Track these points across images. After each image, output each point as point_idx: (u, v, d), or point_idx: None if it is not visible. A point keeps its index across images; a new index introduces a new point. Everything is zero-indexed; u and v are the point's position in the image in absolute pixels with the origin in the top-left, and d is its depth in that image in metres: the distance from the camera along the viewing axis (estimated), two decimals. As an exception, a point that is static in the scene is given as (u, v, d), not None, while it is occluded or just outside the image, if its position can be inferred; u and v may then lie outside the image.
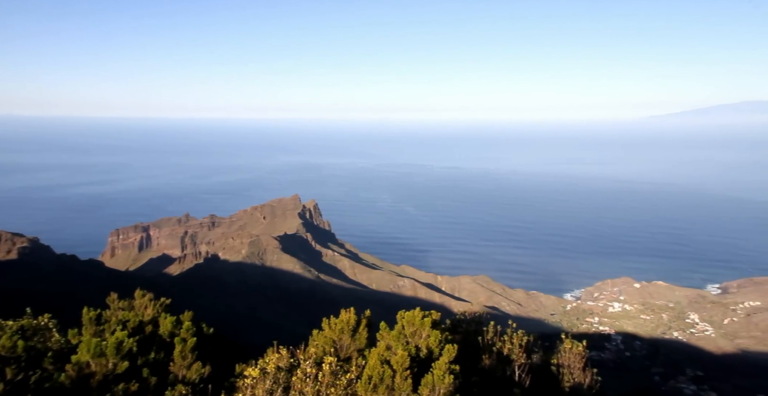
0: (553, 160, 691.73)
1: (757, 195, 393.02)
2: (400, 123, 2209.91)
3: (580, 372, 16.29)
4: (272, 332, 56.42)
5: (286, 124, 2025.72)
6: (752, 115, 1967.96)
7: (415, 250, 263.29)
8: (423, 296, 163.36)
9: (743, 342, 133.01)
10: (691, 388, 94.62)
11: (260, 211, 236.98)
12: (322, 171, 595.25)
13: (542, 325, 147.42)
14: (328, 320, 12.27)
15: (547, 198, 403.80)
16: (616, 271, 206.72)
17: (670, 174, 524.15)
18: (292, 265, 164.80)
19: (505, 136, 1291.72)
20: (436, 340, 11.13)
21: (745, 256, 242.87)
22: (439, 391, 9.13)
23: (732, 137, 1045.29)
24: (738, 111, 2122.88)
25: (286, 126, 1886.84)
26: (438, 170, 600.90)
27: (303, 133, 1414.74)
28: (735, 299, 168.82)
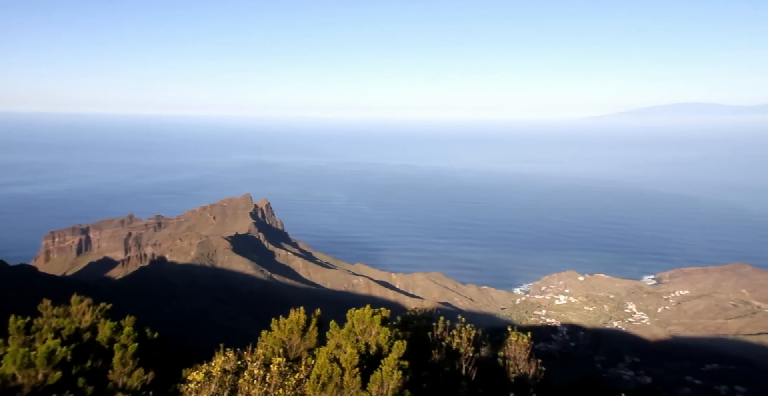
0: (503, 159, 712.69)
1: (686, 191, 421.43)
2: (353, 121, 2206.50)
3: (525, 363, 16.95)
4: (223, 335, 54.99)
5: (238, 122, 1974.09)
6: (683, 116, 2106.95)
7: (370, 248, 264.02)
8: (378, 294, 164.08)
9: (674, 328, 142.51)
10: (629, 374, 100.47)
11: (210, 211, 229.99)
12: (275, 169, 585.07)
13: (493, 319, 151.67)
14: (277, 321, 12.13)
15: (497, 196, 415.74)
16: (562, 266, 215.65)
17: (610, 172, 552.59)
18: (244, 266, 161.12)
19: (457, 135, 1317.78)
20: (385, 337, 11.26)
21: (676, 249, 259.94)
22: (388, 387, 9.25)
23: (665, 137, 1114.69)
24: (670, 112, 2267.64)
25: (239, 123, 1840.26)
26: (391, 168, 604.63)
27: (256, 131, 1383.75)
28: (667, 289, 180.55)
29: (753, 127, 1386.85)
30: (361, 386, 9.17)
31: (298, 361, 10.90)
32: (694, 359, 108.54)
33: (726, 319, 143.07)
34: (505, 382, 14.38)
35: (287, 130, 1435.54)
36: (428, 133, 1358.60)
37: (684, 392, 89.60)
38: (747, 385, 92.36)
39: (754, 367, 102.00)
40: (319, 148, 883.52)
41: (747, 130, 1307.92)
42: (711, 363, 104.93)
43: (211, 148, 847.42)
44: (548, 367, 58.86)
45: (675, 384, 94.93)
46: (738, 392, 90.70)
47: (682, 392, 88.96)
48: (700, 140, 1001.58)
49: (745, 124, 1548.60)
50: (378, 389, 9.19)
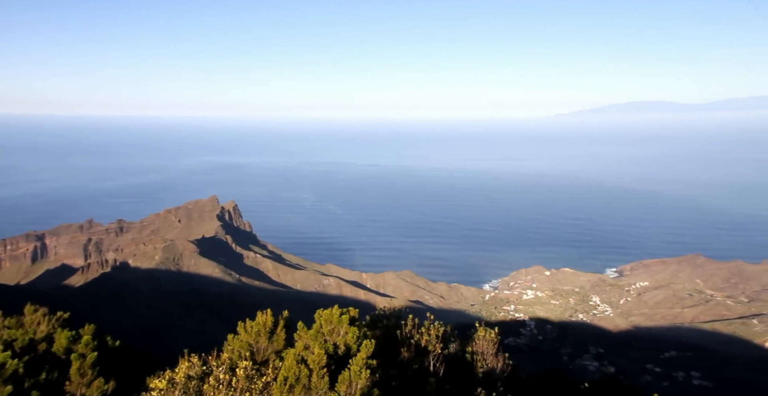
0: (471, 157, 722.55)
1: (644, 186, 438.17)
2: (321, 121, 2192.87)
3: (493, 357, 17.27)
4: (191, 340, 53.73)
5: (206, 122, 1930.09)
6: (639, 113, 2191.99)
7: (340, 248, 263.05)
8: (348, 294, 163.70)
9: (636, 319, 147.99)
10: (594, 365, 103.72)
11: (175, 214, 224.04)
12: (242, 171, 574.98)
13: (463, 315, 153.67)
14: (244, 324, 11.96)
15: (465, 194, 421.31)
16: (529, 261, 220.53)
17: (573, 169, 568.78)
18: (212, 269, 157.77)
19: (425, 133, 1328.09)
20: (353, 336, 11.27)
21: (636, 242, 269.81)
22: (356, 386, 9.27)
23: (623, 134, 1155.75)
24: (626, 110, 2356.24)
25: (206, 124, 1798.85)
26: (360, 168, 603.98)
27: (223, 132, 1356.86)
28: (629, 281, 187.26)
29: (704, 125, 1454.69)
30: (329, 386, 9.15)
31: (265, 364, 10.78)
32: (654, 348, 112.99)
33: (682, 308, 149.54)
34: (473, 377, 14.62)
35: (255, 131, 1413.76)
36: (396, 132, 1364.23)
37: (645, 380, 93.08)
38: (702, 371, 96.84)
39: (708, 352, 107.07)
40: (287, 148, 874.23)
41: (699, 127, 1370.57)
42: (669, 351, 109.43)
43: (176, 149, 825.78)
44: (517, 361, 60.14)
45: (637, 372, 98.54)
46: (694, 377, 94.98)
47: (643, 380, 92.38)
48: (655, 137, 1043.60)
49: (696, 122, 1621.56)
50: (346, 389, 9.20)
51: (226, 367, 9.01)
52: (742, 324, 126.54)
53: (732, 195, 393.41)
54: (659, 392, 67.88)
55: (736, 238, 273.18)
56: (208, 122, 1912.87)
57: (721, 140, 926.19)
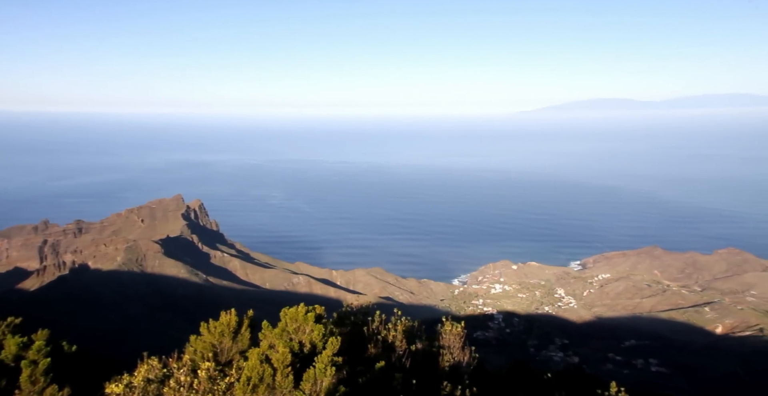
0: (437, 154, 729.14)
1: (605, 181, 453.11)
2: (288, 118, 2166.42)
3: (459, 351, 17.53)
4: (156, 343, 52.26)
5: (169, 119, 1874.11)
6: (600, 110, 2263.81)
7: (309, 246, 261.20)
8: (318, 292, 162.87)
9: (598, 310, 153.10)
10: (559, 355, 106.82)
11: (137, 213, 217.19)
12: (208, 169, 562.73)
13: (433, 310, 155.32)
14: (207, 324, 11.73)
15: (433, 190, 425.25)
16: (497, 256, 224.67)
17: (537, 164, 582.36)
18: (177, 270, 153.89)
19: (392, 130, 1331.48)
20: (319, 334, 11.22)
21: (598, 236, 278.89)
22: (321, 384, 9.24)
23: (584, 131, 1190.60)
24: (589, 107, 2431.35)
25: (170, 121, 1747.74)
26: (328, 165, 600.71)
27: (186, 129, 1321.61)
28: (591, 273, 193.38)
29: (660, 121, 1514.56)
30: (294, 385, 9.09)
31: (229, 365, 10.62)
32: (616, 337, 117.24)
33: (641, 298, 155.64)
34: (440, 371, 14.82)
35: (221, 128, 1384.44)
36: (364, 130, 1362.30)
37: (607, 368, 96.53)
38: (659, 358, 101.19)
39: (664, 340, 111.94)
40: (255, 145, 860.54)
41: (655, 123, 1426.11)
42: (630, 340, 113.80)
43: (139, 147, 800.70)
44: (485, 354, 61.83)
45: (599, 361, 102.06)
46: (652, 364, 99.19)
47: (605, 368, 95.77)
48: (615, 133, 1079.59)
49: (654, 119, 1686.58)
50: (311, 387, 9.16)
51: (188, 369, 8.82)
52: (695, 312, 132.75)
53: (686, 189, 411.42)
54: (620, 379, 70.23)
55: (690, 230, 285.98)
56: (174, 119, 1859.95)
57: (676, 136, 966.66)
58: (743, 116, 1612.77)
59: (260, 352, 9.46)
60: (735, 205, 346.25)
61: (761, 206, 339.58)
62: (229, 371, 9.56)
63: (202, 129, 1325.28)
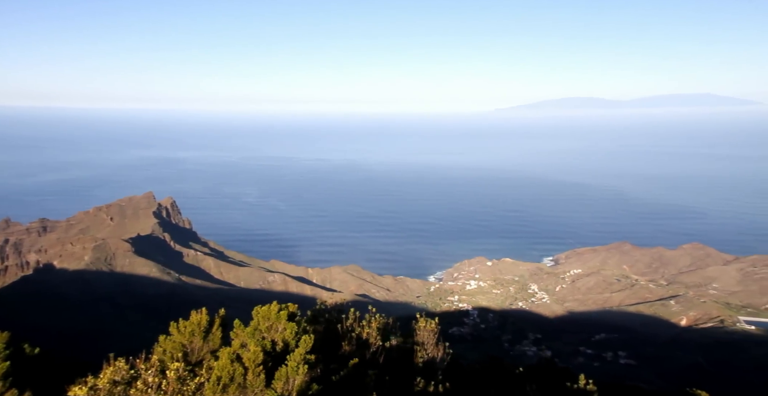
0: (414, 151, 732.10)
1: (576, 178, 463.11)
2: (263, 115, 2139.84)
3: (433, 347, 17.68)
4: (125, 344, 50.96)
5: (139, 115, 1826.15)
6: (571, 109, 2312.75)
7: (285, 244, 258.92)
8: (294, 290, 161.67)
9: (570, 304, 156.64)
10: (532, 350, 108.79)
11: (106, 211, 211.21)
12: (180, 166, 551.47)
13: (409, 307, 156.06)
14: (176, 324, 11.50)
15: (408, 187, 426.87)
16: (472, 252, 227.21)
17: (510, 162, 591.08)
18: (148, 269, 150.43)
19: (368, 127, 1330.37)
20: (292, 332, 11.13)
21: (569, 232, 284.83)
22: (294, 382, 9.18)
23: (556, 129, 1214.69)
24: (561, 106, 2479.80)
25: (140, 117, 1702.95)
26: (304, 162, 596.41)
27: (158, 125, 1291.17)
28: (563, 269, 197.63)
29: (629, 120, 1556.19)
30: (265, 384, 9.00)
31: (200, 365, 10.44)
32: (587, 331, 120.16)
33: (611, 292, 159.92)
34: (413, 367, 14.91)
35: (194, 125, 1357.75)
36: (339, 127, 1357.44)
37: (578, 361, 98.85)
38: (627, 350, 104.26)
39: (633, 333, 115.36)
40: (229, 142, 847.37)
41: (624, 122, 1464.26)
42: (600, 333, 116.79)
43: (108, 143, 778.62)
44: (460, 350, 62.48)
45: (571, 355, 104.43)
46: (620, 357, 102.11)
47: (576, 362, 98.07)
48: (586, 132, 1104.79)
49: (623, 117, 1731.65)
50: (283, 385, 9.08)
51: (156, 370, 8.62)
52: (661, 305, 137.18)
53: (653, 186, 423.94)
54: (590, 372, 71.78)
55: (657, 226, 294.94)
56: (146, 115, 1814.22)
57: (643, 135, 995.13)
58: (707, 116, 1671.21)
59: (231, 352, 9.33)
60: (698, 201, 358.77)
61: (722, 202, 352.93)
62: (200, 371, 9.40)
63: (175, 125, 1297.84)
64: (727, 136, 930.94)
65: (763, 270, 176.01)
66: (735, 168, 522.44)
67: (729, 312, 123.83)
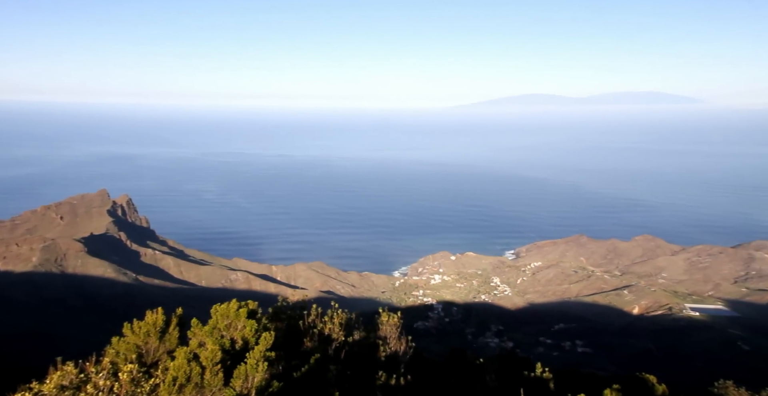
0: (375, 147, 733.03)
1: (536, 174, 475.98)
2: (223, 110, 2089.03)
3: (396, 341, 17.86)
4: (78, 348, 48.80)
5: (91, 109, 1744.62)
6: (531, 106, 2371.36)
7: (247, 242, 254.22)
8: (258, 288, 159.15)
9: (531, 296, 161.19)
10: (495, 341, 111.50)
11: (56, 210, 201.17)
12: (136, 162, 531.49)
13: (374, 303, 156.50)
14: (130, 324, 11.13)
15: (371, 183, 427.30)
16: (436, 247, 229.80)
17: (472, 157, 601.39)
18: (103, 269, 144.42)
19: (330, 123, 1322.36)
20: (252, 329, 10.98)
21: (530, 226, 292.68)
22: (253, 380, 9.06)
23: (517, 125, 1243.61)
24: (520, 102, 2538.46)
25: (92, 111, 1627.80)
26: (266, 159, 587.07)
27: (111, 120, 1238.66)
28: (524, 262, 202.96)
29: (588, 116, 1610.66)
30: (224, 383, 8.85)
31: (155, 366, 10.15)
32: (546, 322, 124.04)
33: (569, 284, 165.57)
34: (376, 361, 15.00)
35: (151, 119, 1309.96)
36: (299, 122, 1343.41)
37: (538, 351, 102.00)
38: (584, 339, 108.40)
39: (589, 322, 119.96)
40: (187, 138, 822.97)
41: (583, 118, 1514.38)
42: (559, 323, 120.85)
43: (57, 138, 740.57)
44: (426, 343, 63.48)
45: (531, 345, 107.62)
46: (578, 345, 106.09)
47: (536, 352, 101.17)
48: (544, 128, 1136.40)
49: (581, 114, 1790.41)
50: (242, 384, 8.96)
51: (108, 373, 8.32)
52: (616, 295, 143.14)
53: (608, 180, 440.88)
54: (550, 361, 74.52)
55: (611, 219, 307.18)
56: (97, 109, 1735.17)
57: (598, 131, 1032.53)
58: (656, 113, 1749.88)
59: (188, 351, 9.11)
60: (650, 194, 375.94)
61: (671, 196, 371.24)
62: (155, 372, 9.13)
63: (129, 120, 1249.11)
64: (674, 132, 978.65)
65: (707, 259, 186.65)
66: (681, 163, 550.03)
67: (676, 300, 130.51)
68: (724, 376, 28.04)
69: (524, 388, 15.18)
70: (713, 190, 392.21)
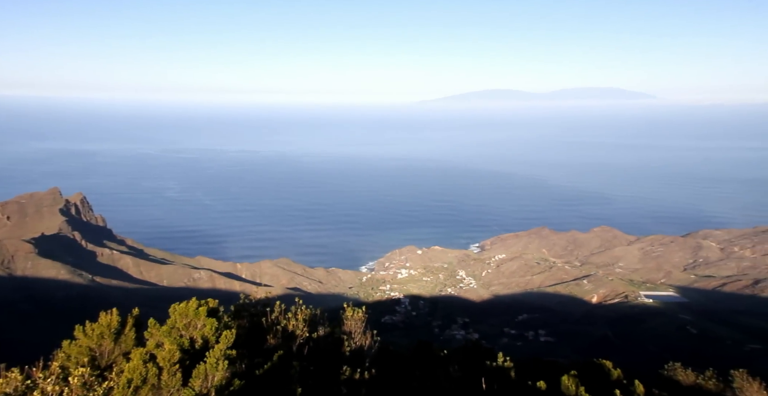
0: (340, 142, 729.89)
1: (499, 167, 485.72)
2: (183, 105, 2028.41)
3: (361, 335, 17.89)
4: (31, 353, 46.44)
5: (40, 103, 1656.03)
6: (494, 101, 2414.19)
7: (211, 240, 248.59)
8: (222, 286, 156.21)
9: (495, 288, 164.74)
10: (461, 333, 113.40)
11: (1, 209, 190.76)
12: (90, 159, 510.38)
13: (341, 298, 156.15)
14: (82, 327, 10.70)
15: (337, 179, 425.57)
16: (402, 242, 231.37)
17: (437, 152, 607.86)
18: (56, 271, 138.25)
19: (291, 118, 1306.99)
20: (212, 328, 10.76)
21: (493, 219, 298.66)
22: (213, 379, 8.89)
23: (480, 120, 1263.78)
24: (484, 98, 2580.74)
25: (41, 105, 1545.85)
26: (229, 155, 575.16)
27: (65, 114, 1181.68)
28: (489, 254, 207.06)
29: (546, 111, 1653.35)
30: (182, 383, 8.64)
31: (110, 369, 9.80)
32: (511, 313, 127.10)
33: (532, 275, 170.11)
34: (341, 356, 14.99)
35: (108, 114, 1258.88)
36: (262, 117, 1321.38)
37: (503, 342, 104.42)
38: (546, 328, 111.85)
39: (551, 312, 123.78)
40: (146, 134, 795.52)
41: (545, 113, 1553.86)
42: (522, 314, 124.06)
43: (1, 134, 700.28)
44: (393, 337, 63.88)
45: (496, 336, 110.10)
46: (540, 335, 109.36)
47: (501, 342, 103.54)
48: (509, 123, 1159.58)
49: (543, 109, 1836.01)
50: (202, 383, 8.77)
51: (57, 378, 7.97)
52: (576, 285, 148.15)
53: (568, 174, 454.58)
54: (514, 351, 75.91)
55: (571, 211, 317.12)
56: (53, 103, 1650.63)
57: (558, 126, 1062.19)
58: (612, 108, 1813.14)
59: (144, 352, 8.84)
60: (607, 187, 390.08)
61: (627, 188, 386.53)
62: (109, 375, 8.82)
63: (87, 115, 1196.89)
64: (629, 127, 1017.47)
65: (659, 249, 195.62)
66: (635, 157, 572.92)
67: (632, 288, 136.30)
68: (674, 359, 29.52)
69: (486, 378, 15.52)
70: (664, 183, 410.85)
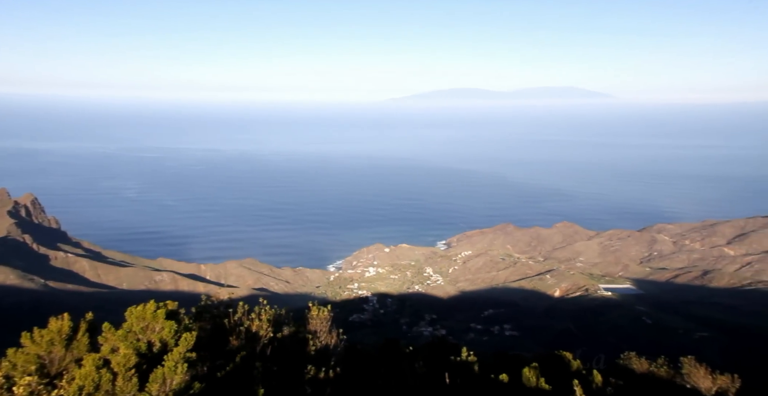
0: (306, 141, 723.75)
1: (463, 165, 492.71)
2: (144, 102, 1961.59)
3: (326, 334, 17.82)
4: (-22, 365, 43.87)
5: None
6: (459, 99, 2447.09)
7: (173, 242, 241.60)
8: (185, 288, 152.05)
9: (462, 285, 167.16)
10: (428, 330, 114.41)
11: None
12: (41, 158, 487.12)
13: (309, 298, 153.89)
14: (30, 333, 10.20)
15: (303, 178, 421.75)
16: (370, 240, 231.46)
17: (403, 150, 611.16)
18: (4, 276, 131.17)
19: (260, 116, 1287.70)
20: (171, 331, 10.46)
21: (459, 216, 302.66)
22: (171, 383, 8.65)
23: (445, 118, 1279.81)
24: (449, 96, 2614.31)
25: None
26: (192, 153, 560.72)
27: (17, 111, 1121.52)
28: (455, 251, 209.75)
29: (509, 110, 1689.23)
30: (138, 388, 8.36)
31: (60, 376, 9.39)
32: (477, 308, 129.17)
33: (497, 271, 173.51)
34: (305, 356, 14.88)
35: (61, 111, 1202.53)
36: (229, 115, 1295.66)
37: (469, 337, 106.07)
38: (511, 323, 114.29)
39: (516, 307, 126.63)
40: (104, 132, 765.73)
41: (508, 112, 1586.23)
42: (488, 309, 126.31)
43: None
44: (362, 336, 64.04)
45: (463, 332, 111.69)
46: (506, 329, 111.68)
47: (468, 338, 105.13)
48: (473, 121, 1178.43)
49: (506, 107, 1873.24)
50: (159, 387, 8.52)
51: (1, 388, 7.56)
52: (539, 280, 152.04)
53: (531, 171, 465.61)
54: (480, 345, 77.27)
55: (534, 207, 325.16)
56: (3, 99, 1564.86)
57: (521, 124, 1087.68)
58: (571, 107, 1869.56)
59: (97, 357, 8.51)
60: (568, 184, 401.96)
61: (587, 185, 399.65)
62: (60, 383, 8.45)
63: (40, 112, 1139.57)
64: (588, 125, 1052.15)
65: (617, 243, 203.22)
66: (594, 154, 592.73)
67: (592, 281, 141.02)
68: (630, 349, 30.77)
69: (450, 373, 15.74)
70: (621, 179, 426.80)
